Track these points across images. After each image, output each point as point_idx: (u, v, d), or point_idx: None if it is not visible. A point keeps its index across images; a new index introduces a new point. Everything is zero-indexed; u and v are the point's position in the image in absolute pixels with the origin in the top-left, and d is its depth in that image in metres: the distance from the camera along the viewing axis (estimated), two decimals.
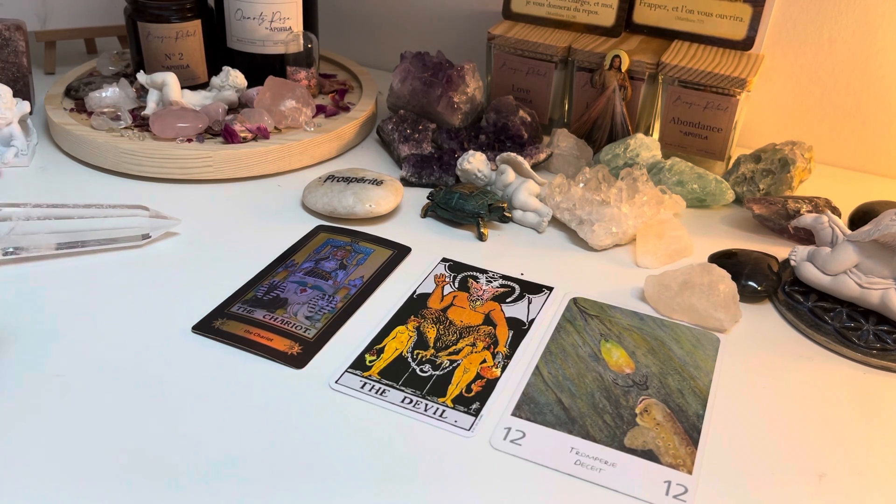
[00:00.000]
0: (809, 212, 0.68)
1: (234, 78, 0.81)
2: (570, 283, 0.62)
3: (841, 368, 0.55)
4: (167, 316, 0.55)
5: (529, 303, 0.59)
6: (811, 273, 0.60)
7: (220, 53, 0.87)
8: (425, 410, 0.48)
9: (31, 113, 0.78)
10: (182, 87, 0.79)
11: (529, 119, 0.81)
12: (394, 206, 0.69)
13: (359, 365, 0.52)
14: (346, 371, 0.51)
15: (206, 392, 0.49)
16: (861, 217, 0.69)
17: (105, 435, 0.45)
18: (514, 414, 0.48)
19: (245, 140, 0.75)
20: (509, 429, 0.47)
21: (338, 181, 0.69)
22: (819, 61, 0.82)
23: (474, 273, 0.62)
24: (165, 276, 0.60)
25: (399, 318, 0.56)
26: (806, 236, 0.69)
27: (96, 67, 0.90)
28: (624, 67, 0.76)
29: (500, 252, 0.66)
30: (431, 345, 0.54)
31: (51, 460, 0.43)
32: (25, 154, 0.74)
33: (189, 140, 0.74)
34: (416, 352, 0.53)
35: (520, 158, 0.71)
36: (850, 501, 0.44)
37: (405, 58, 0.84)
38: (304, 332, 0.54)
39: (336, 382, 0.50)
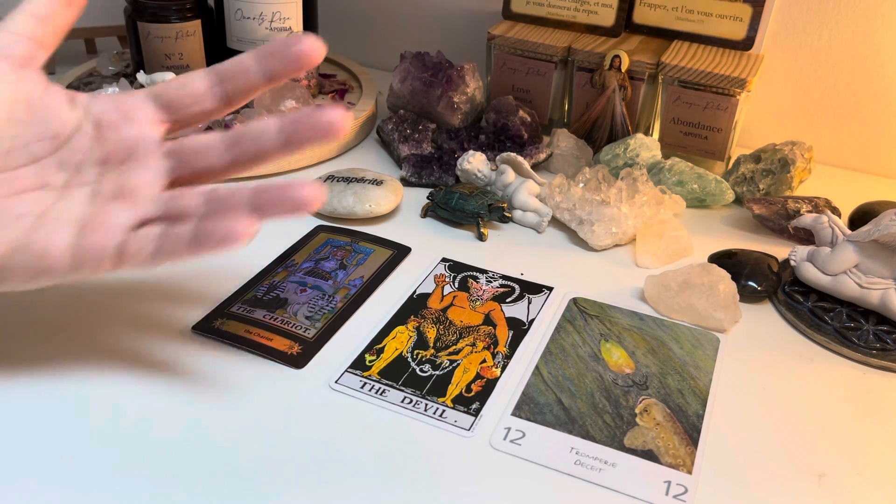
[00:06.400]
0: (809, 212, 0.68)
1: None
2: (570, 283, 0.62)
3: (841, 368, 0.55)
4: (167, 316, 0.55)
5: (529, 303, 0.59)
6: (811, 273, 0.60)
7: (220, 53, 0.87)
8: (425, 410, 0.48)
9: None
10: None
11: (529, 119, 0.81)
12: (394, 206, 0.68)
13: (359, 365, 0.52)
14: (345, 371, 0.51)
15: (206, 392, 0.49)
16: (861, 217, 0.69)
17: (104, 435, 0.45)
18: (513, 414, 0.48)
19: None
20: (509, 429, 0.47)
21: (338, 181, 0.69)
22: (819, 61, 0.82)
23: (474, 273, 0.62)
24: (165, 276, 0.59)
25: (399, 318, 0.56)
26: (806, 236, 0.68)
27: (96, 67, 0.90)
28: (624, 67, 0.76)
29: (500, 252, 0.66)
30: (431, 345, 0.54)
31: (47, 460, 0.43)
32: None
33: None
34: (415, 352, 0.53)
35: (520, 158, 0.71)
36: (850, 501, 0.44)
37: (405, 58, 0.84)
38: (304, 331, 0.54)
39: (336, 382, 0.50)
